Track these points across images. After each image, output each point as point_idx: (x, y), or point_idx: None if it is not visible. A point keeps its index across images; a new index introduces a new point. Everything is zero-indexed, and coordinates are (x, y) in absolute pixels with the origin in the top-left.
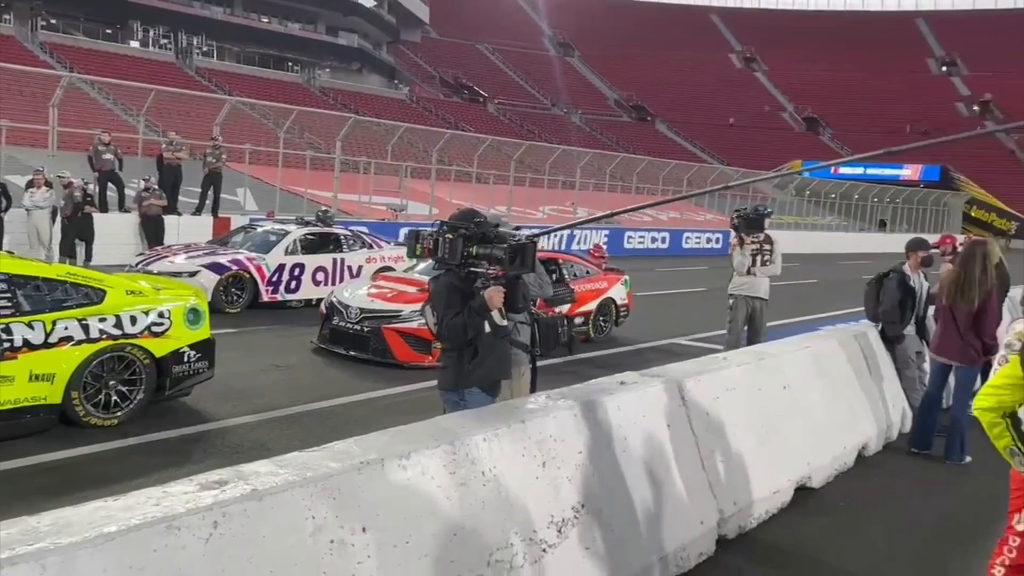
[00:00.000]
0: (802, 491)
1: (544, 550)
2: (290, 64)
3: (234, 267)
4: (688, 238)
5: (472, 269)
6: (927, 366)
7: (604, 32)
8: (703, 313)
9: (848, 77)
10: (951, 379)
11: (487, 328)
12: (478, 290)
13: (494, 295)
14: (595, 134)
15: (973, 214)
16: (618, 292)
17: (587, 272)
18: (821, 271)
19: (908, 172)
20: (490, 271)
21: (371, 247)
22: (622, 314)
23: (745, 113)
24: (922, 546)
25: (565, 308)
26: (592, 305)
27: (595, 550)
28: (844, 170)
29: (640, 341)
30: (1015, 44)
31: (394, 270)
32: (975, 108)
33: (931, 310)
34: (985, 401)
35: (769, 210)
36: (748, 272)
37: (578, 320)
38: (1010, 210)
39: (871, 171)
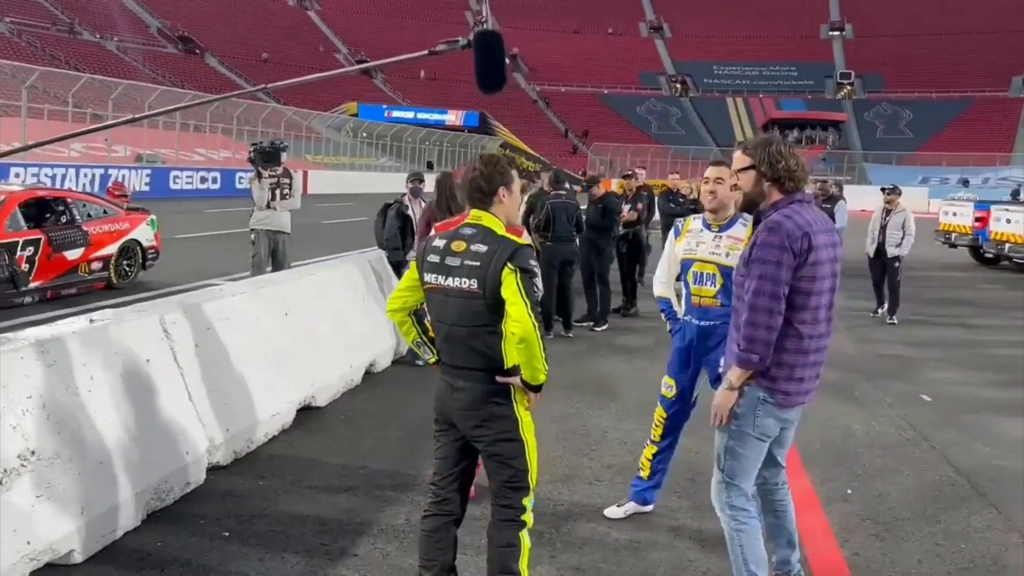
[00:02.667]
0: (307, 410)
1: None
2: None
3: None
4: (242, 178)
5: None
6: None
7: None
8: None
9: (398, 26)
10: None
11: None
12: None
13: None
14: (136, 64)
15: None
16: (144, 233)
17: (104, 212)
18: (375, 209)
19: (452, 118)
20: None
21: None
22: (150, 257)
23: (299, 52)
24: (405, 440)
25: (78, 253)
26: (113, 248)
27: (52, 496)
28: (397, 114)
29: (173, 285)
30: (549, 5)
31: None
32: (506, 61)
33: None
34: (394, 304)
35: (285, 144)
36: (268, 206)
37: (96, 265)
38: (535, 153)
39: (421, 115)
